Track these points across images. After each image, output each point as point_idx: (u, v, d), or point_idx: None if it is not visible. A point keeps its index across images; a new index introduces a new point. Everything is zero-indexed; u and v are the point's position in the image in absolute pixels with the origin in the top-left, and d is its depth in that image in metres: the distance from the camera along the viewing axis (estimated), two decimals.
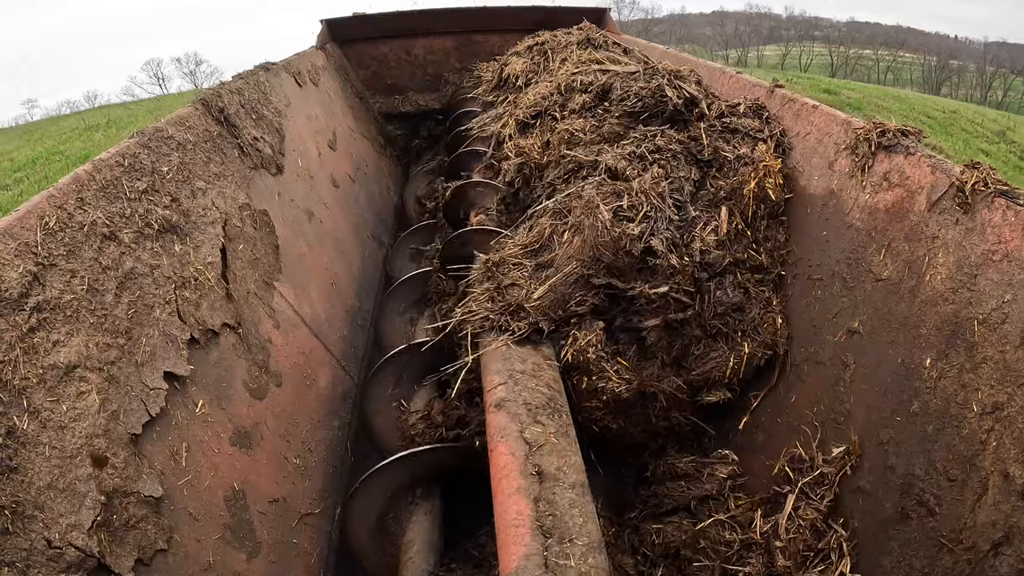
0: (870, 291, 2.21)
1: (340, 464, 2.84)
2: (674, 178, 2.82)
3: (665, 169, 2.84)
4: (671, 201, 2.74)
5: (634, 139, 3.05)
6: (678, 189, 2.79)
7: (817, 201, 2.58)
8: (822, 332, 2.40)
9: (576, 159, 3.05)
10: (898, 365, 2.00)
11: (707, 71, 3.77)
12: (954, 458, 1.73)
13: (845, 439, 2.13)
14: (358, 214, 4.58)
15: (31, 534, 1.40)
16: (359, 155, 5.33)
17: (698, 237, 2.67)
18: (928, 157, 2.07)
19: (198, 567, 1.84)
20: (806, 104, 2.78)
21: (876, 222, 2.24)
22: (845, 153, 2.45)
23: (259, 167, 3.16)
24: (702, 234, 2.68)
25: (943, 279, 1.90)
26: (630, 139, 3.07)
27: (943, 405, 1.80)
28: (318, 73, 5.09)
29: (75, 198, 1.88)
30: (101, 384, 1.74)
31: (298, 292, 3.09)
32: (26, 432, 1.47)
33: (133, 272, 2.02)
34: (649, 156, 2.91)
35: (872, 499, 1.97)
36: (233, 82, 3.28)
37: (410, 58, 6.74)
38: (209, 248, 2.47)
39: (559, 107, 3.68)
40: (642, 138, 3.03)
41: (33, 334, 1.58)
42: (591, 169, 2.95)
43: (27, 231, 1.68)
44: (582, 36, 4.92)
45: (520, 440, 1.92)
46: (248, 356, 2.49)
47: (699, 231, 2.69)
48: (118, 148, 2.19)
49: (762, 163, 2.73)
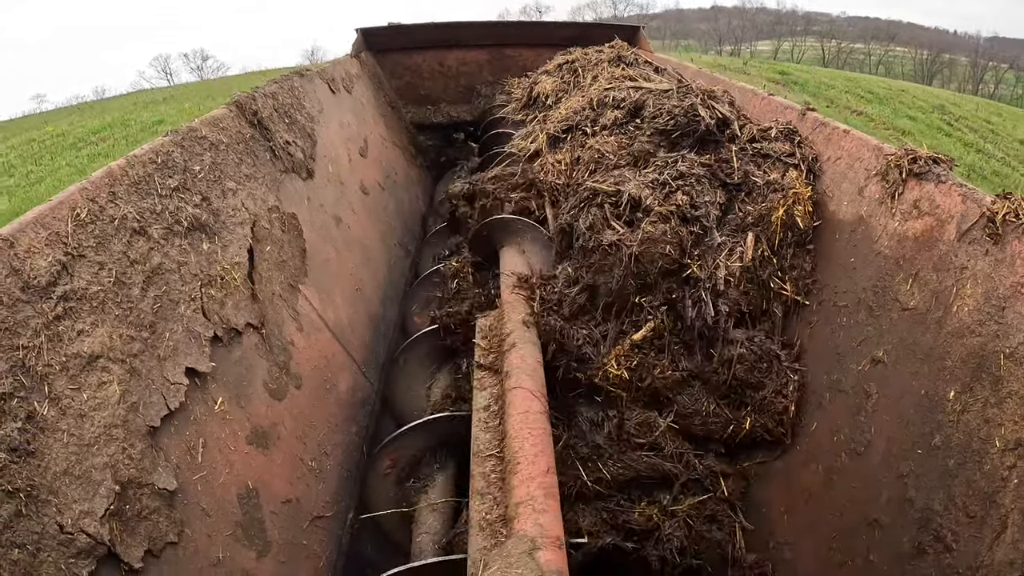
0: (896, 320, 2.18)
1: (355, 469, 2.85)
2: (699, 203, 2.81)
3: (690, 196, 2.84)
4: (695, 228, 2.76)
5: (656, 166, 3.05)
6: (704, 215, 2.79)
7: (846, 227, 2.56)
8: (846, 360, 2.36)
9: (595, 188, 3.04)
10: (921, 397, 1.96)
11: (739, 92, 3.75)
12: (974, 494, 1.69)
13: (865, 470, 2.10)
14: (386, 222, 4.62)
15: (44, 518, 1.42)
16: (389, 163, 5.38)
17: (722, 265, 2.66)
18: (959, 186, 2.04)
19: (207, 562, 1.85)
20: (837, 129, 2.76)
21: (904, 250, 2.21)
22: (875, 179, 2.42)
23: (290, 171, 3.20)
24: (726, 262, 2.67)
25: (970, 311, 1.86)
26: (652, 166, 3.06)
27: (965, 439, 1.77)
28: (352, 81, 5.15)
29: (107, 192, 1.92)
30: (123, 375, 1.76)
31: (323, 296, 3.12)
32: (46, 418, 1.50)
33: (160, 267, 2.06)
34: (673, 183, 2.90)
35: (889, 532, 1.93)
36: (267, 86, 3.34)
37: (443, 69, 6.79)
38: (237, 248, 2.50)
39: (591, 122, 3.68)
40: (664, 164, 3.03)
41: (58, 322, 1.62)
42: (611, 200, 2.94)
43: (59, 221, 1.72)
44: (613, 54, 4.92)
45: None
46: (270, 357, 2.52)
47: (723, 259, 2.68)
48: (152, 145, 2.24)
49: (792, 190, 2.70)
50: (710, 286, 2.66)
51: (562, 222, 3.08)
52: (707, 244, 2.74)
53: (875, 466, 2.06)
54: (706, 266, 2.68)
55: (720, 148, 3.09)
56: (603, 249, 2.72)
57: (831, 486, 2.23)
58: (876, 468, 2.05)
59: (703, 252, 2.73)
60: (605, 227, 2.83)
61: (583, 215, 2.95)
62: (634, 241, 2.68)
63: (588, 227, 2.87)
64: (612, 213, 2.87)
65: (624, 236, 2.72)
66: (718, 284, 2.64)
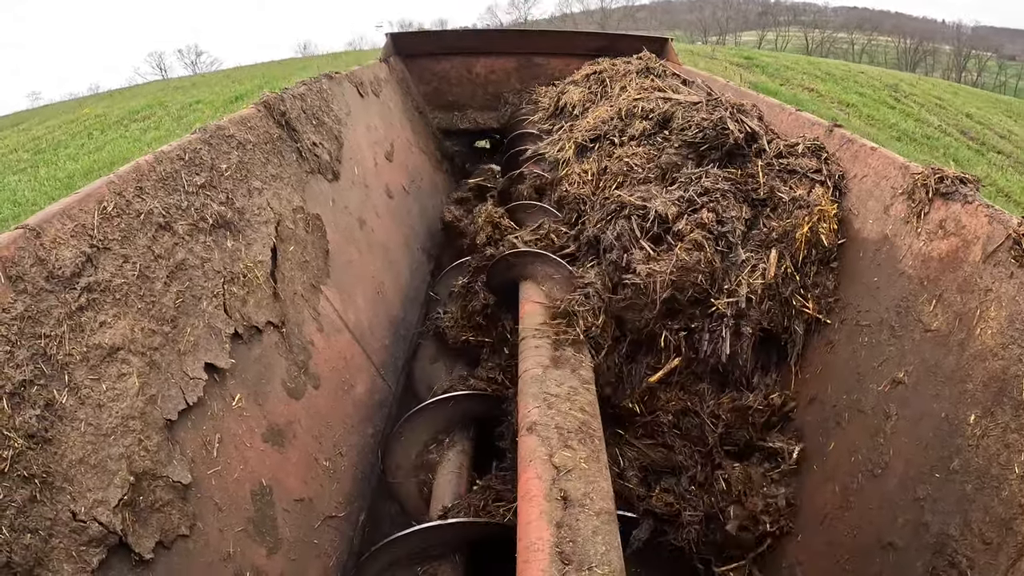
0: (918, 341, 2.15)
1: (369, 471, 2.86)
2: (725, 219, 2.80)
3: (716, 212, 2.82)
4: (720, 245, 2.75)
5: (681, 183, 3.04)
6: (730, 231, 2.77)
7: (870, 245, 2.53)
8: (866, 380, 2.33)
9: (621, 199, 3.03)
10: (941, 420, 1.93)
11: (766, 106, 3.73)
12: (991, 520, 1.66)
13: (882, 492, 2.06)
14: (409, 226, 4.64)
15: (58, 505, 1.44)
16: (415, 168, 5.41)
17: (744, 282, 2.64)
18: (986, 207, 2.01)
19: (217, 556, 1.87)
20: (864, 146, 2.73)
21: (929, 271, 2.18)
22: (901, 198, 2.39)
23: (316, 172, 3.23)
24: (748, 279, 2.65)
25: (993, 334, 1.83)
26: (678, 183, 3.05)
27: (984, 464, 1.73)
28: (380, 85, 5.19)
29: (134, 186, 1.95)
30: (142, 368, 1.79)
31: (344, 298, 3.14)
32: (64, 406, 1.53)
33: (184, 263, 2.08)
34: (698, 199, 2.88)
35: (903, 556, 1.90)
36: (296, 87, 3.37)
37: (471, 76, 6.83)
38: (260, 247, 2.53)
39: (618, 132, 3.68)
40: (689, 181, 3.01)
41: (81, 313, 1.64)
42: (639, 213, 2.93)
43: (85, 214, 1.75)
44: (641, 65, 4.92)
45: (548, 464, 1.91)
46: (289, 356, 2.54)
47: (745, 276, 2.66)
48: (180, 142, 2.27)
49: (817, 207, 2.68)
50: (732, 323, 2.64)
51: (589, 234, 3.07)
52: (731, 260, 2.72)
53: (892, 488, 2.03)
54: (731, 291, 2.66)
55: (747, 162, 3.08)
56: (636, 286, 2.68)
57: (847, 507, 2.19)
58: (893, 491, 2.02)
59: (727, 268, 2.71)
60: (634, 245, 2.81)
61: (610, 226, 2.94)
62: (667, 273, 2.65)
63: (616, 237, 2.86)
64: (639, 227, 2.86)
65: (656, 270, 2.68)
66: (740, 303, 2.62)
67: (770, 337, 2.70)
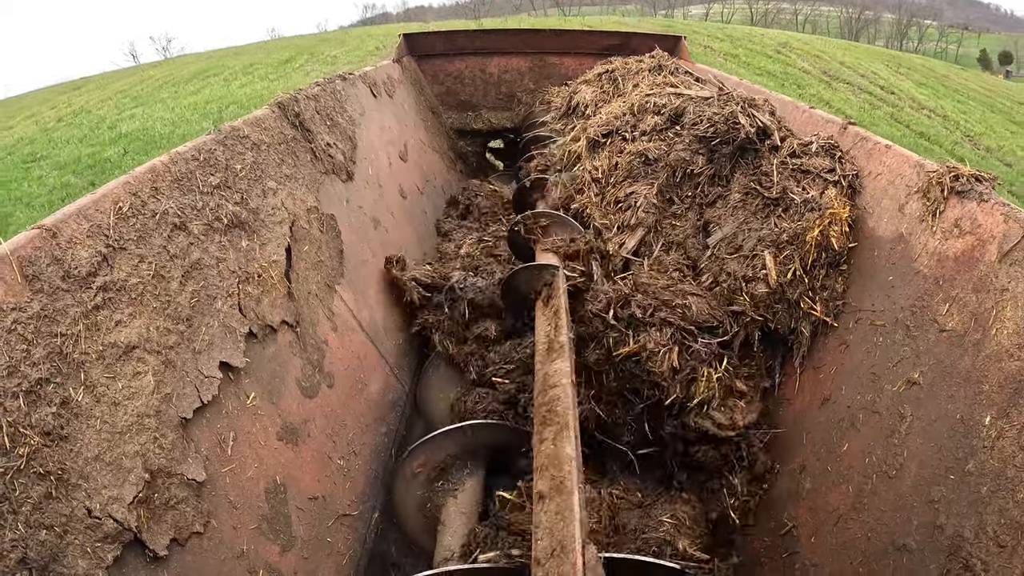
0: (933, 342, 2.13)
1: (383, 470, 2.87)
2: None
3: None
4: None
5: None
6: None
7: (885, 244, 2.51)
8: (881, 380, 2.31)
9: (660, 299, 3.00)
10: (956, 421, 1.91)
11: (780, 104, 3.71)
12: (1006, 523, 1.64)
13: (896, 493, 2.05)
14: (424, 226, 4.65)
15: (73, 502, 1.46)
16: (429, 168, 5.42)
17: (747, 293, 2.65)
18: (1002, 205, 1.99)
19: (231, 553, 1.88)
20: (879, 144, 2.71)
21: (944, 270, 2.16)
22: (916, 196, 2.37)
23: (330, 172, 3.25)
24: (751, 289, 2.65)
25: (1009, 334, 1.81)
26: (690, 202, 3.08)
27: (1000, 466, 1.72)
28: (394, 85, 5.21)
29: (150, 187, 1.97)
30: (157, 367, 1.81)
31: (358, 297, 3.16)
32: (80, 404, 1.55)
33: (199, 263, 2.10)
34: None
35: (917, 558, 1.88)
36: (310, 88, 3.39)
37: (484, 76, 6.84)
38: (275, 247, 2.55)
39: (631, 127, 3.68)
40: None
41: (97, 312, 1.67)
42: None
43: (101, 214, 1.77)
44: (654, 63, 4.91)
45: None
46: (303, 355, 2.55)
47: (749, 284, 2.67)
48: (195, 143, 2.29)
49: (829, 210, 2.66)
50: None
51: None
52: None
53: (906, 490, 2.01)
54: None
55: (759, 157, 3.06)
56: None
57: (861, 509, 2.18)
58: (907, 492, 2.01)
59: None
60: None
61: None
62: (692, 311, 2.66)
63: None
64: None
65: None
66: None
67: (776, 337, 2.70)
